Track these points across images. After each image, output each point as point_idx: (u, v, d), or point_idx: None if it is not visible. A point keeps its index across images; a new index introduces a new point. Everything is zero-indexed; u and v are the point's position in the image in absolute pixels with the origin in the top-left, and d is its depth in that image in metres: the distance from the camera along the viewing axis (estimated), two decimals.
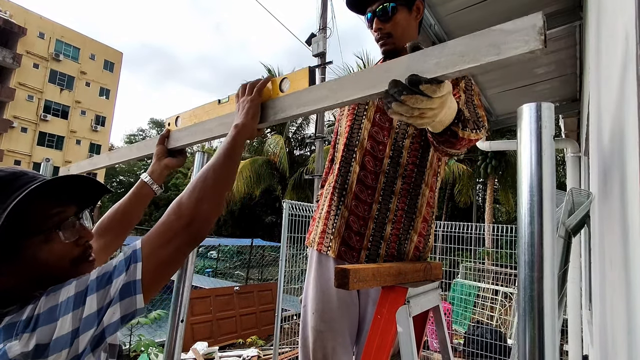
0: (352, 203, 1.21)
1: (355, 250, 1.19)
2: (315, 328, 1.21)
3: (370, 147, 1.22)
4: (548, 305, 0.42)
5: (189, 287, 0.97)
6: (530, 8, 2.05)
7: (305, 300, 1.28)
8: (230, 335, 5.30)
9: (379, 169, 1.20)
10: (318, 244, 1.27)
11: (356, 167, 1.22)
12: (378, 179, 1.20)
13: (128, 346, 3.92)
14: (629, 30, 0.45)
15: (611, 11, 0.70)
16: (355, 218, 1.20)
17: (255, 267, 13.89)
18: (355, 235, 1.20)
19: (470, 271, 5.85)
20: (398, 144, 1.20)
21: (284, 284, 3.68)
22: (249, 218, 28.23)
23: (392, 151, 1.20)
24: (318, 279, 1.25)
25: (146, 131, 47.12)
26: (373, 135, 1.22)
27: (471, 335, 4.42)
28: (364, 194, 1.21)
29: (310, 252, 1.33)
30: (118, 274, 0.59)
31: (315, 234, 1.29)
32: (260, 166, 15.23)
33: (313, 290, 1.25)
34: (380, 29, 1.20)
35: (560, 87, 3.09)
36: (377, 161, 1.21)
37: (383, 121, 1.22)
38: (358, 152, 1.23)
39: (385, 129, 1.21)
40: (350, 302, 1.22)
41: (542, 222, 0.43)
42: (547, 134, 0.44)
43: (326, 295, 1.22)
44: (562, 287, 1.28)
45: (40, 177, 0.64)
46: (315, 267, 1.27)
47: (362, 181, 1.21)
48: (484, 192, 15.68)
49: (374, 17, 1.20)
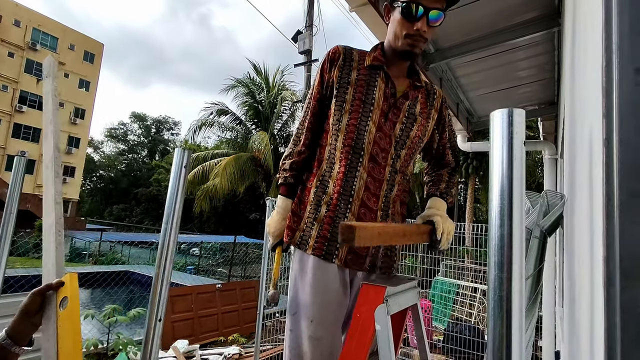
0: (361, 211, 1.17)
1: (361, 258, 1.18)
2: (314, 336, 1.13)
3: (375, 154, 1.18)
4: (516, 305, 0.44)
5: (167, 286, 0.96)
6: (513, 12, 2.10)
7: (295, 307, 1.18)
8: (212, 333, 5.26)
9: (382, 176, 1.19)
10: (315, 248, 1.17)
11: (363, 173, 1.17)
12: (381, 186, 1.19)
13: (106, 345, 3.84)
14: (596, 41, 0.47)
15: (583, 20, 0.72)
16: None
17: (238, 264, 13.79)
18: None
19: (450, 269, 5.96)
20: (397, 153, 1.20)
21: (266, 282, 3.67)
22: (232, 215, 27.99)
23: (393, 160, 1.20)
24: (315, 284, 1.15)
25: (128, 125, 46.08)
26: (377, 141, 1.18)
27: (450, 332, 4.51)
28: (370, 201, 1.18)
29: (298, 254, 1.21)
30: None
31: (308, 237, 1.19)
32: (245, 163, 15.09)
33: (310, 297, 1.15)
34: (424, 31, 1.12)
35: (540, 91, 3.18)
36: (381, 168, 1.19)
37: (387, 128, 1.19)
38: (365, 157, 1.18)
39: (388, 137, 1.19)
40: (345, 302, 1.19)
41: (511, 225, 0.45)
42: (517, 140, 0.45)
43: (325, 301, 1.15)
44: (537, 285, 1.32)
45: None
46: (312, 272, 1.17)
47: (369, 189, 1.18)
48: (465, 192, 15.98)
49: (425, 17, 1.11)
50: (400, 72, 1.24)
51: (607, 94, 0.34)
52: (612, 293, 0.32)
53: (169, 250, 0.96)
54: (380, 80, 1.20)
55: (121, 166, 43.95)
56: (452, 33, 2.35)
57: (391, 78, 1.21)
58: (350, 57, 1.23)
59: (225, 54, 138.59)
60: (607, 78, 0.34)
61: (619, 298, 0.31)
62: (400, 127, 1.20)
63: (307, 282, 1.17)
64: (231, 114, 17.35)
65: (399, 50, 1.18)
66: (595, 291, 0.49)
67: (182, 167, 0.99)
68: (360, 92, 1.19)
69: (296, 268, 1.21)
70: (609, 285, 0.32)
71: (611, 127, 0.33)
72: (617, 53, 0.34)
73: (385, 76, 1.21)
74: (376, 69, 1.21)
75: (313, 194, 1.21)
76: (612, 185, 0.33)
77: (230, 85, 17.34)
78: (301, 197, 1.26)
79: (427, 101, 1.26)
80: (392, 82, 1.21)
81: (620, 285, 0.31)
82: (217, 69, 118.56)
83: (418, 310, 1.19)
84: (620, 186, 0.32)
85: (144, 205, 37.67)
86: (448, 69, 2.83)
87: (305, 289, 1.17)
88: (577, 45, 0.90)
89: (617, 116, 0.33)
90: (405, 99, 1.21)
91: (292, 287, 1.22)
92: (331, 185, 1.19)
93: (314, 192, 1.21)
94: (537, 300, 1.43)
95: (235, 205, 26.42)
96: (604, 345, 0.33)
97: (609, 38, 0.35)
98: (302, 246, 1.19)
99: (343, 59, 1.23)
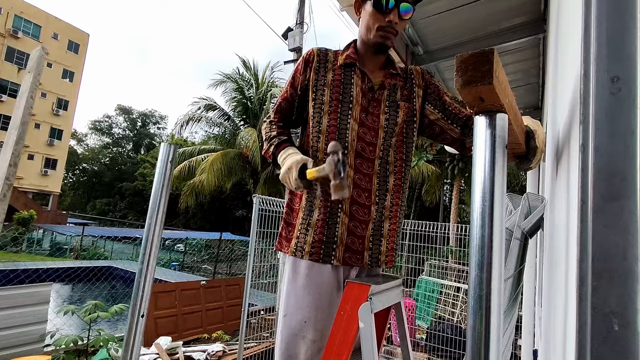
0: (352, 208, 1.17)
1: (358, 253, 1.18)
2: (308, 338, 1.12)
3: (361, 149, 1.18)
4: (495, 304, 0.45)
5: (150, 281, 0.95)
6: (500, 17, 2.14)
7: (287, 309, 1.17)
8: (196, 330, 5.21)
9: (371, 170, 1.19)
10: (312, 254, 1.16)
11: (350, 171, 1.17)
12: (372, 180, 1.19)
13: (86, 341, 3.77)
14: (576, 50, 0.48)
15: (564, 29, 0.74)
16: (357, 223, 1.17)
17: (224, 261, 13.70)
18: (357, 239, 1.18)
19: (434, 269, 6.04)
20: (387, 142, 1.20)
21: (252, 279, 3.66)
22: (219, 211, 27.75)
23: (382, 151, 1.20)
24: (309, 286, 1.15)
25: (113, 118, 45.15)
26: (362, 137, 1.18)
27: (433, 330, 4.58)
28: (361, 197, 1.18)
29: (292, 261, 1.19)
30: None
31: (304, 243, 1.17)
32: (232, 159, 14.97)
33: (303, 298, 1.14)
34: (395, 23, 1.14)
35: (525, 95, 3.25)
36: (369, 162, 1.19)
37: (370, 121, 1.19)
38: (350, 155, 1.17)
39: (373, 129, 1.19)
40: (337, 301, 1.16)
41: (492, 226, 0.46)
42: (500, 144, 0.46)
43: (320, 303, 1.14)
44: (517, 285, 1.35)
45: None
46: (305, 273, 1.16)
47: (358, 185, 1.17)
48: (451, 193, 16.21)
49: (397, 8, 1.14)
50: (375, 66, 1.25)
51: (584, 101, 0.36)
52: (584, 293, 0.33)
53: (153, 245, 0.95)
54: (356, 77, 1.21)
55: (105, 160, 43.08)
56: (441, 36, 2.38)
57: (367, 73, 1.22)
58: (325, 59, 1.24)
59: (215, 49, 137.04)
60: (585, 86, 0.36)
61: (589, 298, 0.32)
62: (384, 117, 1.21)
63: (299, 283, 1.16)
64: (219, 109, 17.18)
65: (371, 44, 1.20)
66: (569, 291, 0.51)
67: (167, 161, 0.98)
68: (337, 92, 1.20)
69: (289, 271, 1.20)
70: (581, 286, 0.34)
71: (587, 133, 0.35)
72: (595, 63, 0.35)
73: (361, 72, 1.22)
74: (350, 66, 1.23)
75: (305, 200, 1.20)
76: (587, 190, 0.34)
77: (219, 81, 17.17)
78: (291, 205, 1.25)
79: (407, 84, 1.26)
80: (367, 77, 1.22)
81: (592, 285, 0.32)
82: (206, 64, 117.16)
83: (401, 309, 1.21)
84: (594, 191, 0.33)
85: (128, 199, 37.02)
86: (437, 71, 2.87)
87: (298, 291, 1.16)
88: (559, 53, 0.93)
89: (593, 123, 0.34)
90: (382, 89, 1.22)
91: (284, 289, 1.21)
92: (319, 189, 1.18)
93: (305, 197, 1.21)
94: (517, 300, 1.47)
95: (221, 201, 26.20)
96: (575, 344, 0.35)
97: (587, 48, 0.36)
98: (297, 253, 1.17)
99: (318, 61, 1.24)
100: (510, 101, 0.54)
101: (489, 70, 0.45)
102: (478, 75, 0.45)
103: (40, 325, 3.84)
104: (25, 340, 3.70)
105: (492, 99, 0.46)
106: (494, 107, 0.47)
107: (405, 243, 5.21)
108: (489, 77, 0.45)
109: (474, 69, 0.46)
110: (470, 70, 0.46)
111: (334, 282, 1.16)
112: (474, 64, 0.46)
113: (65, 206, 36.35)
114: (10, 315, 3.62)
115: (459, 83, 0.46)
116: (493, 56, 0.45)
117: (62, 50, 28.12)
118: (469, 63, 0.46)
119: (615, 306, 0.31)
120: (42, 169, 27.02)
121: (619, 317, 0.31)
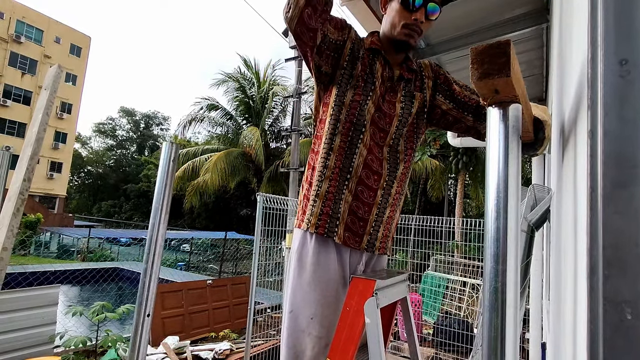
0: (358, 188, 1.15)
1: (358, 236, 1.16)
2: (314, 334, 1.10)
3: (373, 133, 1.17)
4: (511, 295, 0.44)
5: (156, 281, 0.95)
6: (503, 8, 2.11)
7: (293, 305, 1.14)
8: (203, 329, 5.24)
9: (381, 155, 1.18)
10: (318, 226, 1.14)
11: (363, 150, 1.15)
12: (382, 165, 1.18)
13: (95, 342, 3.80)
14: (582, 34, 0.47)
15: (569, 14, 0.73)
16: (360, 204, 1.16)
17: (229, 260, 13.75)
18: (359, 221, 1.16)
19: (440, 264, 6.02)
20: (399, 132, 1.21)
21: (257, 277, 3.67)
22: (223, 211, 27.83)
23: (393, 139, 1.20)
24: (314, 283, 1.12)
25: (116, 120, 45.35)
26: (376, 121, 1.18)
27: (440, 325, 4.57)
28: (370, 180, 1.16)
29: (303, 242, 1.16)
30: None
31: (311, 215, 1.15)
32: (236, 158, 15.00)
33: (312, 291, 1.12)
34: (422, 22, 1.13)
35: (529, 87, 3.22)
36: (379, 148, 1.18)
37: (387, 108, 1.19)
38: (366, 135, 1.16)
39: (388, 116, 1.19)
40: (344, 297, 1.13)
41: (507, 218, 0.45)
42: (514, 134, 0.45)
43: (326, 299, 1.12)
44: (524, 278, 1.34)
45: None
46: (312, 263, 1.13)
47: (369, 166, 1.16)
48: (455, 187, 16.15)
49: (424, 7, 1.12)
50: (395, 61, 1.26)
51: (592, 85, 0.35)
52: (595, 282, 0.32)
53: (157, 244, 0.95)
54: (378, 63, 1.22)
55: (110, 162, 43.31)
56: (443, 28, 2.36)
57: (389, 62, 1.23)
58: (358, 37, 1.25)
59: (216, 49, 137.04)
60: (592, 70, 0.35)
61: (601, 287, 0.32)
62: (400, 105, 1.21)
63: (305, 279, 1.13)
64: (222, 109, 17.20)
65: (394, 40, 1.19)
66: (578, 282, 0.50)
67: (170, 161, 0.98)
68: (364, 71, 1.20)
69: (294, 265, 1.17)
70: (592, 275, 0.33)
71: (596, 118, 0.34)
72: (602, 45, 0.34)
73: (384, 60, 1.22)
74: (375, 52, 1.23)
75: (317, 173, 1.18)
76: (596, 177, 0.33)
77: (221, 80, 17.18)
78: (310, 180, 1.22)
79: (418, 78, 1.28)
80: (389, 65, 1.22)
81: (603, 274, 0.32)
82: (208, 64, 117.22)
83: (407, 304, 1.20)
84: (604, 177, 0.32)
85: (133, 201, 37.23)
86: (439, 65, 2.85)
87: (304, 287, 1.13)
88: (564, 39, 0.91)
89: (601, 108, 0.33)
90: (401, 80, 1.23)
91: (289, 284, 1.18)
92: (332, 159, 1.16)
93: (319, 167, 1.18)
94: (524, 293, 1.46)
95: (226, 201, 26.28)
96: (586, 334, 0.34)
97: (594, 31, 0.35)
98: (305, 225, 1.15)
99: (355, 35, 1.23)
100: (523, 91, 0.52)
101: (506, 63, 0.43)
102: (495, 68, 0.44)
103: (49, 327, 3.88)
104: (36, 341, 3.74)
105: (508, 91, 0.45)
106: (507, 97, 0.46)
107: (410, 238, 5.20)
108: (506, 69, 0.43)
109: (490, 61, 0.44)
110: (486, 62, 0.45)
111: (340, 278, 1.15)
112: (491, 56, 0.44)
113: (71, 209, 36.63)
114: (20, 318, 3.66)
115: (475, 76, 0.45)
116: (509, 48, 0.43)
117: (64, 54, 28.24)
118: (485, 55, 0.45)
119: (628, 294, 0.30)
120: (47, 173, 27.21)
121: (631, 305, 0.30)
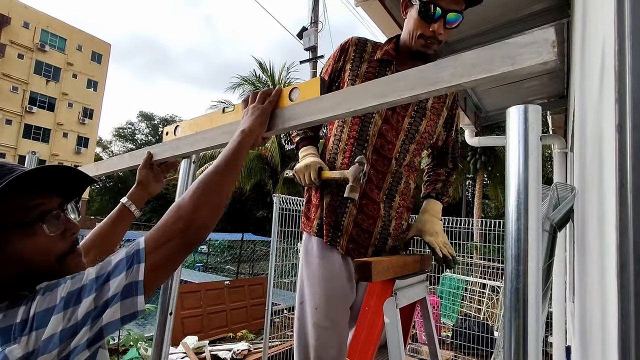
0: (362, 201, 1.17)
1: (363, 247, 1.19)
2: (319, 324, 1.14)
3: (380, 145, 1.18)
4: (532, 297, 0.44)
5: (178, 280, 0.97)
6: (520, 4, 2.07)
7: (302, 297, 1.21)
8: (221, 330, 5.30)
9: (387, 169, 1.19)
10: (319, 233, 1.21)
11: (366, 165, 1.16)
12: (385, 178, 1.19)
13: (117, 340, 3.89)
14: (609, 26, 0.46)
15: (594, 7, 0.71)
16: (364, 217, 1.18)
17: (246, 261, 13.88)
18: (363, 234, 1.18)
19: (458, 265, 5.92)
20: (405, 146, 1.20)
21: (274, 278, 3.69)
22: (240, 213, 28.12)
23: (399, 153, 1.20)
24: (321, 273, 1.18)
25: (135, 124, 46.47)
26: (383, 133, 1.18)
27: (459, 328, 4.49)
28: (373, 192, 1.18)
29: (308, 239, 1.24)
30: (118, 273, 0.56)
31: (317, 221, 1.22)
32: (252, 160, 15.15)
33: (315, 286, 1.17)
34: (440, 34, 1.11)
35: (549, 84, 3.13)
36: (386, 160, 1.19)
37: (395, 121, 1.18)
38: (369, 149, 1.18)
39: (395, 129, 1.18)
40: (351, 295, 1.19)
41: (527, 219, 0.45)
42: (533, 136, 0.45)
43: (331, 290, 1.16)
44: (547, 280, 1.31)
45: (19, 169, 0.61)
46: (318, 256, 1.19)
47: (372, 180, 1.18)
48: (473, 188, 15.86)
49: (443, 19, 1.09)
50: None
51: (619, 78, 0.34)
52: (625, 279, 0.32)
53: None
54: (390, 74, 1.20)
55: None
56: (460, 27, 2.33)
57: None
58: (362, 49, 1.23)
59: (231, 52, 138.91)
60: (620, 62, 0.34)
61: (632, 284, 0.31)
62: (409, 120, 1.20)
63: (312, 271, 1.20)
64: None
65: (412, 50, 1.17)
66: (607, 281, 0.49)
67: (191, 162, 1.00)
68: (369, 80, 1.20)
69: (305, 253, 1.24)
70: (622, 272, 0.32)
71: (624, 112, 0.33)
72: (630, 37, 0.33)
73: (395, 71, 1.20)
74: (386, 63, 1.21)
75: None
76: (625, 171, 0.32)
77: (236, 84, 17.38)
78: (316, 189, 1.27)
79: (440, 97, 1.25)
80: None
81: (635, 270, 0.31)
82: (223, 67, 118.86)
83: (427, 304, 1.19)
84: (634, 171, 0.32)
85: (153, 203, 37.98)
86: None
87: (311, 278, 1.19)
88: (588, 34, 0.89)
89: (630, 100, 0.32)
90: None
91: (299, 277, 1.26)
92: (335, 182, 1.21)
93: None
94: (546, 295, 1.42)
95: (242, 203, 26.54)
96: (617, 334, 0.33)
97: (622, 22, 0.34)
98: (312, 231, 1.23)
99: (355, 50, 1.23)
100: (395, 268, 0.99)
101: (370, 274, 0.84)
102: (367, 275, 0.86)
103: None
104: None
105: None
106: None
107: None
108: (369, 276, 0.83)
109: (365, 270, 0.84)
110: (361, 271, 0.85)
111: (346, 273, 1.19)
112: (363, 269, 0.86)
113: (93, 211, 37.66)
114: None
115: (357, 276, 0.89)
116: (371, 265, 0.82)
117: (86, 61, 29.14)
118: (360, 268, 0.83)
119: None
120: None
121: None
